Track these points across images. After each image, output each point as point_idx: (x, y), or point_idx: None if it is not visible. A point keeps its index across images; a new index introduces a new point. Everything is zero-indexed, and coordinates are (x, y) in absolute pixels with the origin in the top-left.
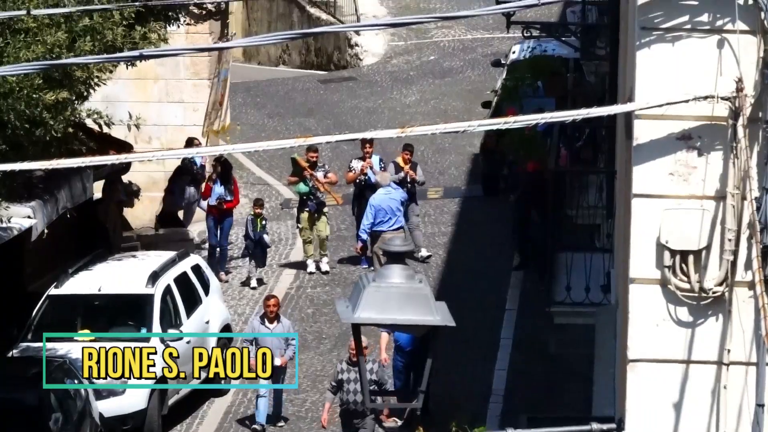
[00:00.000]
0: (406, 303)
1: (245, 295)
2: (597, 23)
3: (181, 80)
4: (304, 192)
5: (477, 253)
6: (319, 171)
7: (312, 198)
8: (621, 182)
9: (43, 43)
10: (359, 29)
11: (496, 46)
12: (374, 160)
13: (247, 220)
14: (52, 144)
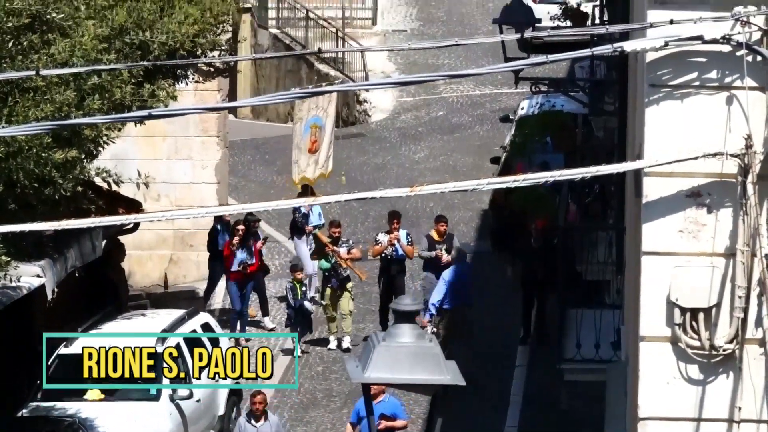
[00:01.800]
0: (416, 362)
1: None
2: (605, 79)
3: (190, 137)
4: (326, 268)
5: (486, 309)
6: (343, 246)
7: (335, 274)
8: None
9: (52, 102)
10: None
11: (505, 101)
12: (401, 234)
13: (286, 288)
14: (61, 203)
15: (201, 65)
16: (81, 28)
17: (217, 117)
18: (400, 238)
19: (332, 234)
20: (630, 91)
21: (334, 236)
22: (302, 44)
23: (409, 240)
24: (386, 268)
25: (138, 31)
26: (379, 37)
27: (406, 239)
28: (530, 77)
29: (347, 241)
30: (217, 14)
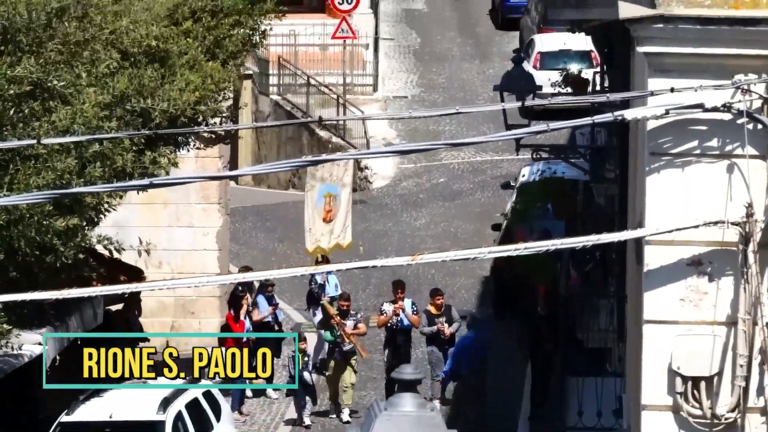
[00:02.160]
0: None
1: (256, 421)
2: (606, 146)
3: (191, 204)
4: (329, 340)
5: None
6: (350, 320)
7: (339, 347)
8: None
9: (53, 170)
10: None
11: (506, 168)
12: (407, 304)
13: (288, 356)
14: (62, 270)
15: (202, 133)
16: (82, 95)
17: (219, 184)
18: (404, 308)
19: (341, 307)
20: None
21: (342, 309)
22: (303, 111)
23: (415, 309)
24: (392, 338)
25: (139, 99)
26: (380, 104)
27: (411, 309)
28: (531, 144)
29: (355, 315)
30: (218, 81)
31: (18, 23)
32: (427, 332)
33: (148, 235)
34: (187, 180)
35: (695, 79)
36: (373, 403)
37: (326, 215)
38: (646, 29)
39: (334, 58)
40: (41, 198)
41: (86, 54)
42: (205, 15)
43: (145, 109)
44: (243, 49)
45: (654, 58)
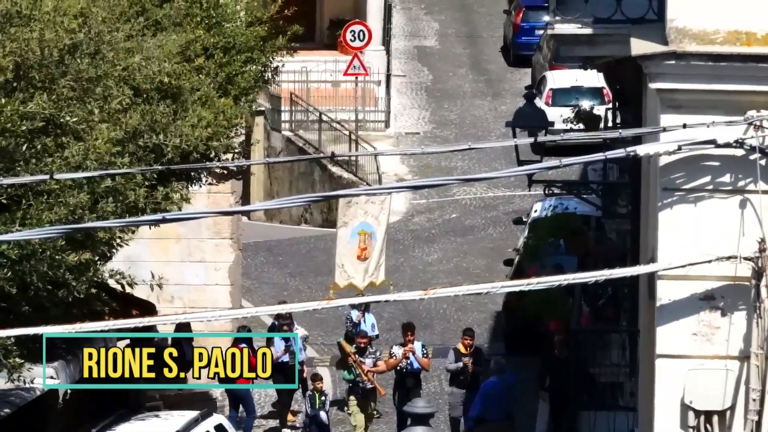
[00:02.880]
0: None
1: None
2: (618, 181)
3: (203, 240)
4: (348, 379)
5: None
6: (369, 358)
7: (359, 385)
8: (644, 341)
9: (66, 205)
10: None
11: (518, 203)
12: (416, 347)
13: (306, 395)
14: (74, 305)
15: (214, 168)
16: (95, 131)
17: (230, 219)
18: (415, 350)
19: (359, 344)
20: (643, 193)
21: (360, 347)
22: (315, 147)
23: (425, 352)
24: (401, 382)
25: (151, 135)
26: (392, 140)
27: (422, 351)
28: (543, 180)
29: (375, 353)
30: (231, 117)
31: (31, 60)
32: (452, 369)
33: (160, 270)
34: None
35: (707, 115)
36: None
37: (361, 253)
38: (658, 66)
39: (346, 95)
40: (54, 233)
41: (99, 90)
42: (217, 52)
43: (157, 145)
44: (255, 85)
45: (666, 94)
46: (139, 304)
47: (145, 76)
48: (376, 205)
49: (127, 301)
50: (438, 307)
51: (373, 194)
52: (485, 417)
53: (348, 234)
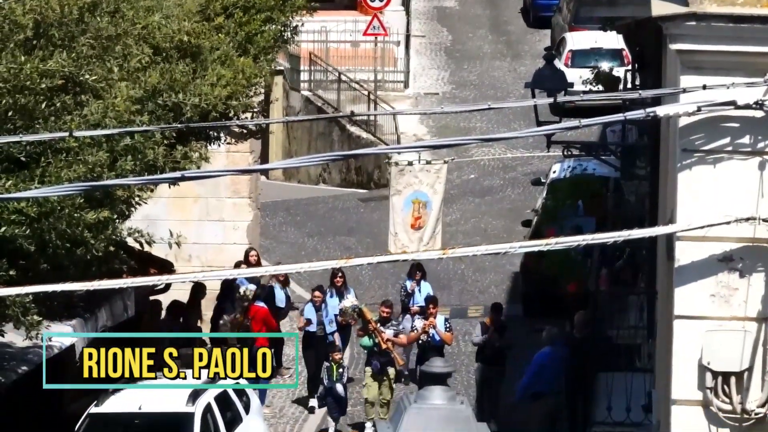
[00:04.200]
0: (447, 425)
1: (285, 413)
2: (637, 143)
3: (221, 199)
4: (366, 346)
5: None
6: (390, 329)
7: (376, 355)
8: (662, 303)
9: (85, 163)
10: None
11: (536, 164)
12: (439, 320)
13: (324, 367)
14: (92, 263)
15: (233, 127)
16: (114, 89)
17: (249, 179)
18: (436, 324)
19: (381, 314)
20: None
21: (383, 316)
22: (334, 107)
23: (448, 326)
24: (423, 356)
25: (171, 93)
26: (411, 100)
27: (444, 326)
28: (562, 141)
29: (397, 325)
30: (250, 76)
31: (50, 18)
32: (477, 342)
33: (179, 229)
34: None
35: (727, 76)
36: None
37: (415, 222)
38: (678, 27)
39: (365, 55)
40: (72, 190)
41: (118, 48)
42: (237, 11)
43: (176, 104)
44: (274, 45)
45: (686, 55)
46: (156, 262)
47: (164, 34)
48: (431, 173)
49: (145, 260)
50: (455, 267)
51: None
52: (538, 390)
53: (401, 202)
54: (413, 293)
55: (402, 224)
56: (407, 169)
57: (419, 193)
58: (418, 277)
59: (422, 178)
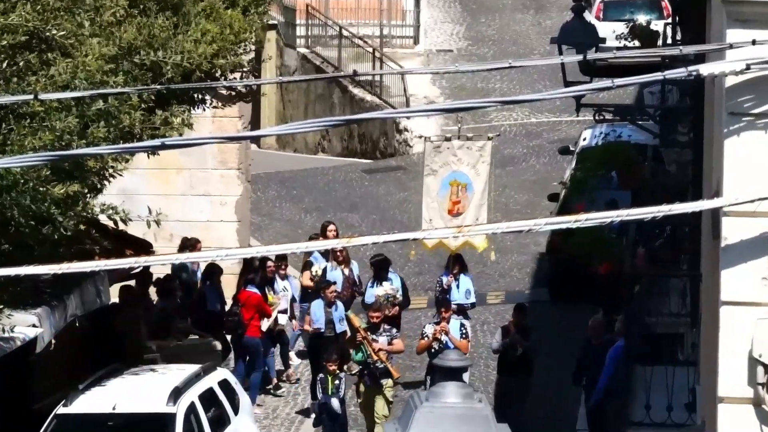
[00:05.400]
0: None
1: (279, 414)
2: (678, 106)
3: (207, 170)
4: (358, 360)
5: (543, 368)
6: (383, 335)
7: (370, 368)
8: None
9: (52, 130)
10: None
11: (564, 130)
12: (453, 326)
13: (317, 379)
14: (61, 243)
15: (220, 89)
16: (85, 46)
17: (238, 147)
18: (448, 330)
19: (371, 319)
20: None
21: (372, 322)
22: (335, 65)
23: (464, 332)
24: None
25: (149, 51)
26: (421, 58)
27: (459, 332)
28: (593, 104)
29: (390, 330)
30: (239, 31)
31: None
32: (496, 348)
33: (159, 204)
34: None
35: None
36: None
37: (453, 207)
38: None
39: (369, 7)
40: (38, 161)
41: (89, 0)
42: None
43: (155, 63)
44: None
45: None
46: (134, 242)
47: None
48: (474, 151)
49: (121, 240)
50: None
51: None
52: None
53: (437, 184)
54: (449, 289)
55: (438, 210)
56: (444, 146)
57: (458, 174)
58: (456, 271)
59: (462, 157)
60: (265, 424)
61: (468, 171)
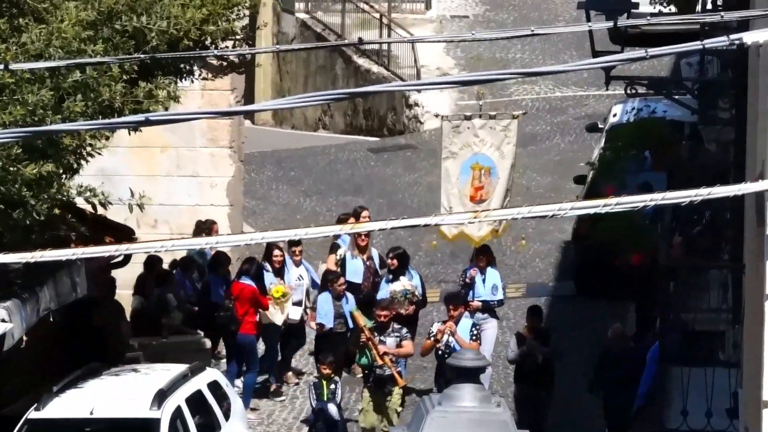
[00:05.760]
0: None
1: (275, 420)
2: (719, 79)
3: (195, 149)
4: (363, 365)
5: (567, 367)
6: (391, 336)
7: (375, 371)
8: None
9: (23, 104)
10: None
11: (592, 106)
12: (462, 325)
13: (310, 384)
14: (33, 229)
15: (210, 59)
16: (60, 11)
17: (230, 124)
18: (455, 329)
19: (377, 318)
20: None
21: (380, 322)
22: (337, 33)
23: (474, 333)
24: (441, 369)
25: (131, 16)
26: (434, 25)
27: (470, 333)
28: (624, 76)
29: (400, 330)
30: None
31: None
32: (512, 358)
33: (142, 187)
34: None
35: None
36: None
37: (475, 193)
38: None
39: None
40: (8, 137)
41: None
42: None
43: (138, 29)
44: None
45: None
46: (114, 228)
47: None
48: (497, 130)
49: (100, 225)
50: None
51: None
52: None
53: (457, 168)
54: (473, 283)
55: (458, 197)
56: (464, 126)
57: (481, 157)
58: (483, 263)
59: (485, 138)
60: (258, 431)
61: (492, 153)
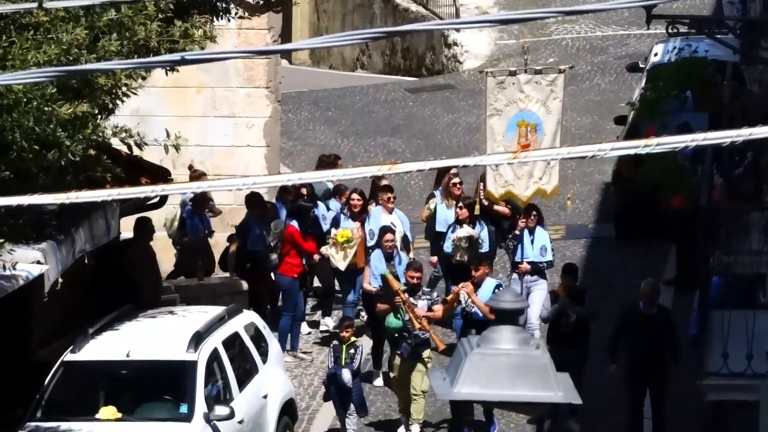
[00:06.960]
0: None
1: (312, 363)
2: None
3: (231, 89)
4: (395, 328)
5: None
6: (423, 299)
7: (407, 337)
8: None
9: (58, 42)
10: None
11: (633, 45)
12: (485, 287)
13: (330, 347)
14: (68, 170)
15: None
16: None
17: (267, 63)
18: (472, 291)
19: (409, 280)
20: None
21: (411, 283)
22: None
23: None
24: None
25: None
26: None
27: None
28: (666, 15)
29: (430, 292)
30: None
31: None
32: (545, 316)
33: (177, 127)
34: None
35: None
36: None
37: (523, 145)
38: None
39: None
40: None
41: None
42: None
43: None
44: None
45: None
46: (149, 169)
47: None
48: (543, 86)
49: (135, 166)
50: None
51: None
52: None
53: (503, 126)
54: (521, 244)
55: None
56: (509, 81)
57: (527, 114)
58: (530, 222)
59: (530, 93)
60: (296, 373)
61: (537, 109)
